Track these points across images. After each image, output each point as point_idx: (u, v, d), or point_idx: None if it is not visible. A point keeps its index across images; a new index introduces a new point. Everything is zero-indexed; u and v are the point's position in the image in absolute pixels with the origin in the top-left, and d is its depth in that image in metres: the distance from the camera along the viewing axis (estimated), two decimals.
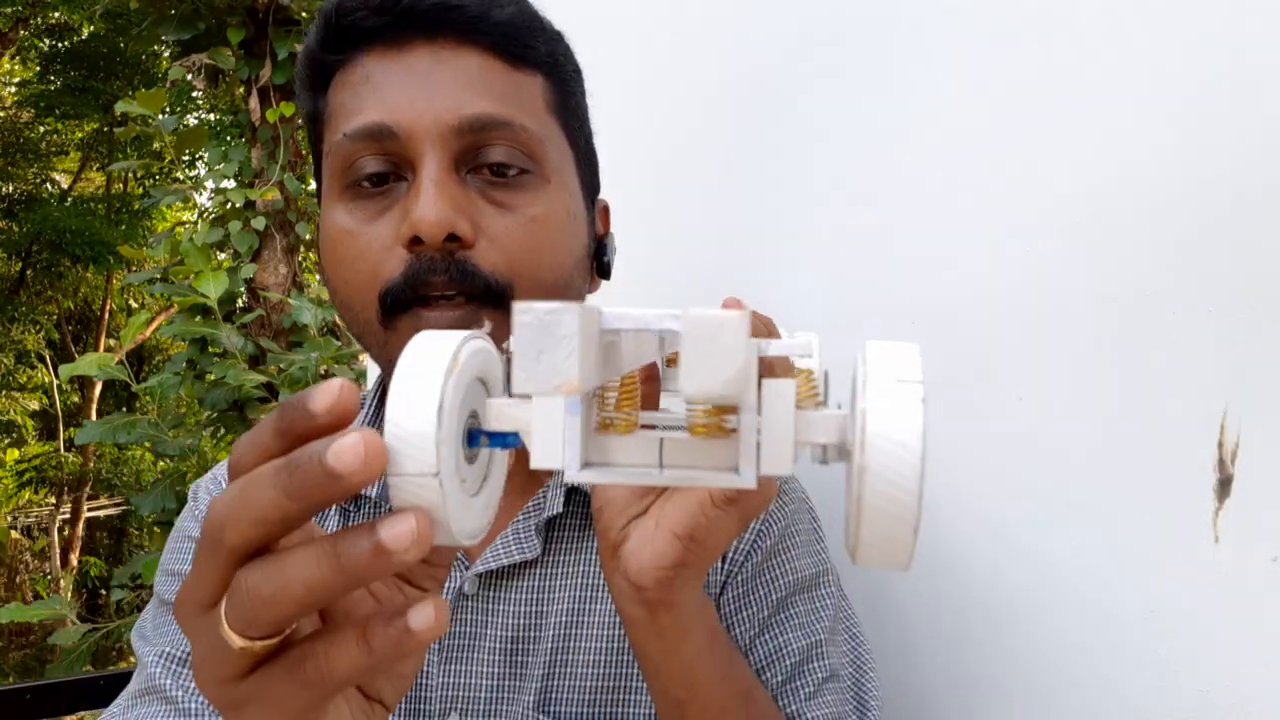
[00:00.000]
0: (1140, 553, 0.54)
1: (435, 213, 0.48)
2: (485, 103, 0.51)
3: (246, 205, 3.43)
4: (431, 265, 0.49)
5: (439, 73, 0.51)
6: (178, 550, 0.60)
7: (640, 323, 0.26)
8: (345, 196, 0.52)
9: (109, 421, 2.82)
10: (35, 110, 7.37)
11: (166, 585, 0.59)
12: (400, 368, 0.27)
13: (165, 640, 0.56)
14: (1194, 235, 0.52)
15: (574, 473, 0.27)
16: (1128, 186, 0.55)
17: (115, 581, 3.14)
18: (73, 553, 7.20)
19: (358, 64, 0.53)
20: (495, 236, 0.51)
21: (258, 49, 3.46)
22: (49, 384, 7.84)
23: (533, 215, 0.52)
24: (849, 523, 0.26)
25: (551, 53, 0.55)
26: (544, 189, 0.53)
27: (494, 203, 0.51)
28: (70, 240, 6.60)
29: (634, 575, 0.39)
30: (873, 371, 0.26)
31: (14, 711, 1.17)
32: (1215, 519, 0.51)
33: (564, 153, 0.55)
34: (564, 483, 0.31)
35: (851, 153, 0.75)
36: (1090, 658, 0.57)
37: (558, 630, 0.57)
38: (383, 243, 0.51)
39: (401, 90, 0.51)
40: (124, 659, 4.61)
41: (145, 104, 3.11)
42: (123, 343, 3.06)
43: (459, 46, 0.52)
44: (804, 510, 0.62)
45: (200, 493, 0.63)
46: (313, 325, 3.12)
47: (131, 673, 0.59)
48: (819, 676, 0.56)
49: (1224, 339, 0.51)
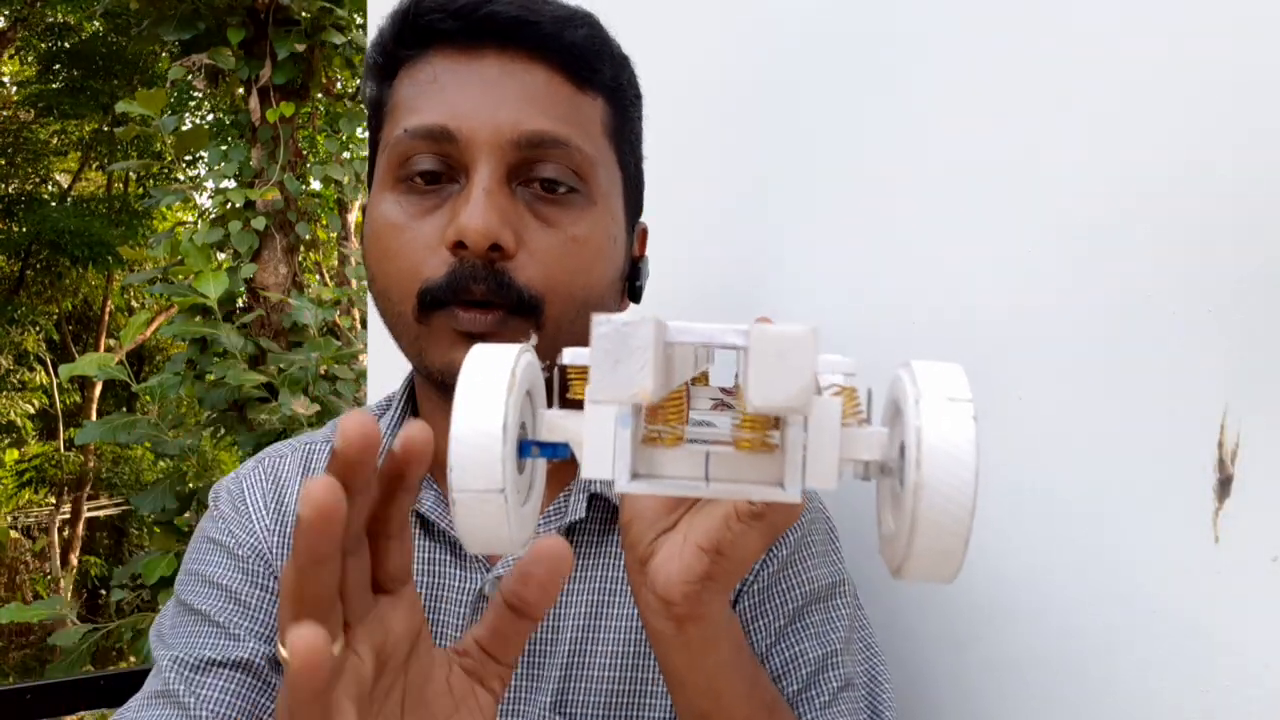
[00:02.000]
0: (1140, 553, 0.54)
1: (483, 221, 0.49)
2: (545, 120, 0.52)
3: (246, 205, 3.43)
4: (473, 272, 0.50)
5: (506, 84, 0.52)
6: (198, 551, 0.61)
7: (705, 336, 0.26)
8: (398, 190, 0.53)
9: (109, 421, 2.82)
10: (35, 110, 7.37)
11: (186, 586, 0.60)
12: (462, 385, 0.28)
13: (181, 645, 0.56)
14: (1194, 235, 0.52)
15: (624, 483, 0.28)
16: (1128, 186, 0.55)
17: (115, 581, 3.14)
18: (73, 553, 7.20)
19: (428, 62, 0.53)
20: (535, 251, 0.52)
21: (258, 49, 3.46)
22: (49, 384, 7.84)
23: (574, 235, 0.53)
24: (897, 538, 0.27)
25: (615, 77, 0.56)
26: (589, 210, 0.54)
27: (539, 217, 0.52)
28: (70, 240, 6.59)
29: (661, 589, 0.40)
30: (925, 390, 0.27)
31: (14, 711, 1.17)
32: (1215, 519, 0.51)
33: (613, 176, 0.57)
34: (616, 492, 0.31)
35: (850, 155, 0.75)
36: (1090, 658, 0.57)
37: (575, 633, 0.57)
38: (427, 241, 0.52)
39: (466, 96, 0.51)
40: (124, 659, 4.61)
41: (145, 104, 3.11)
42: (123, 343, 3.06)
43: (529, 61, 0.53)
44: (821, 520, 0.62)
45: (222, 494, 0.63)
46: (313, 325, 3.12)
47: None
48: (834, 686, 0.56)
49: (1224, 339, 0.51)
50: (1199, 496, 0.51)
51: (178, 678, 0.54)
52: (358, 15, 3.58)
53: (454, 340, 0.52)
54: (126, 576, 3.03)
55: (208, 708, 0.53)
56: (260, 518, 0.60)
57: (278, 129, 3.45)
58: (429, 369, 0.55)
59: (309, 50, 3.49)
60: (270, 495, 0.61)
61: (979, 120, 0.65)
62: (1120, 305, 0.56)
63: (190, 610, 0.58)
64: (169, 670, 0.55)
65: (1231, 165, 0.50)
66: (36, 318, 7.76)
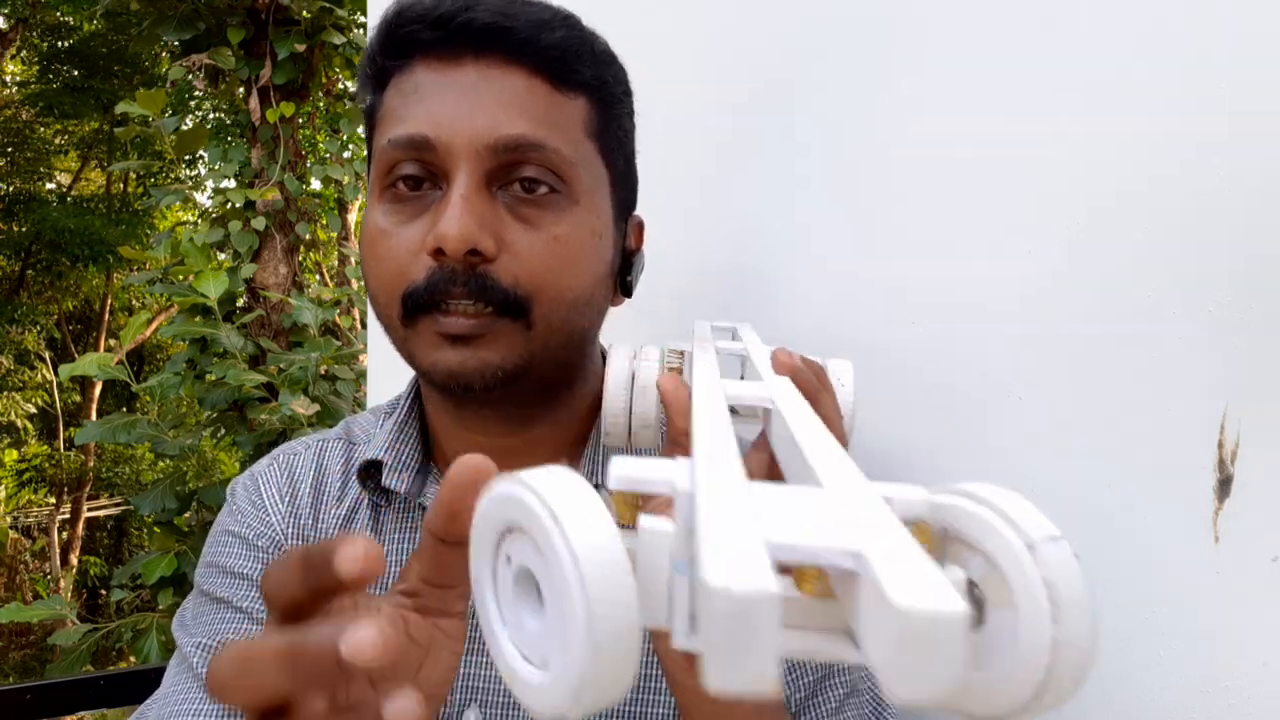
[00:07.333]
0: (1140, 553, 0.54)
1: (459, 228, 0.50)
2: (523, 124, 0.52)
3: (246, 205, 3.43)
4: (452, 276, 0.51)
5: (483, 90, 0.53)
6: (217, 544, 0.62)
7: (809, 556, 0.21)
8: (384, 197, 0.55)
9: (109, 421, 2.82)
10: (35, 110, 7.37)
11: (206, 577, 0.62)
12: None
13: (204, 631, 0.58)
14: (1194, 235, 0.52)
15: (683, 639, 0.23)
16: (1127, 186, 0.55)
17: (115, 581, 3.14)
18: (73, 553, 7.21)
19: (411, 71, 0.55)
20: (518, 252, 0.53)
21: (258, 49, 3.46)
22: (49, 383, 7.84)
23: (556, 234, 0.54)
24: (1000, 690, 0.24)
25: (597, 75, 0.57)
26: (571, 209, 0.54)
27: (521, 219, 0.53)
28: (70, 240, 6.60)
29: None
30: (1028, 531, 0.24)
31: (14, 711, 1.17)
32: (1215, 519, 0.51)
33: (598, 174, 0.57)
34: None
35: (849, 153, 0.75)
36: None
37: None
38: (410, 247, 0.53)
39: (445, 104, 0.53)
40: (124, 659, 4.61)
41: (145, 104, 3.11)
42: (123, 343, 3.06)
43: (506, 66, 0.53)
44: None
45: (238, 489, 0.65)
46: (313, 325, 3.12)
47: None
48: (839, 693, 0.56)
49: (1224, 339, 0.51)
50: (1199, 496, 0.51)
51: (201, 662, 0.56)
52: (358, 15, 3.59)
53: (438, 342, 0.53)
54: (126, 576, 3.03)
55: None
56: (275, 508, 0.62)
57: (278, 129, 3.45)
58: (418, 369, 0.56)
59: (309, 50, 3.49)
60: (285, 488, 0.63)
61: (978, 119, 0.65)
62: (1120, 305, 0.56)
63: (212, 598, 0.60)
64: (194, 655, 0.57)
65: (1232, 164, 0.50)
66: (37, 317, 7.77)
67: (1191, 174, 0.52)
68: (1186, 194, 0.52)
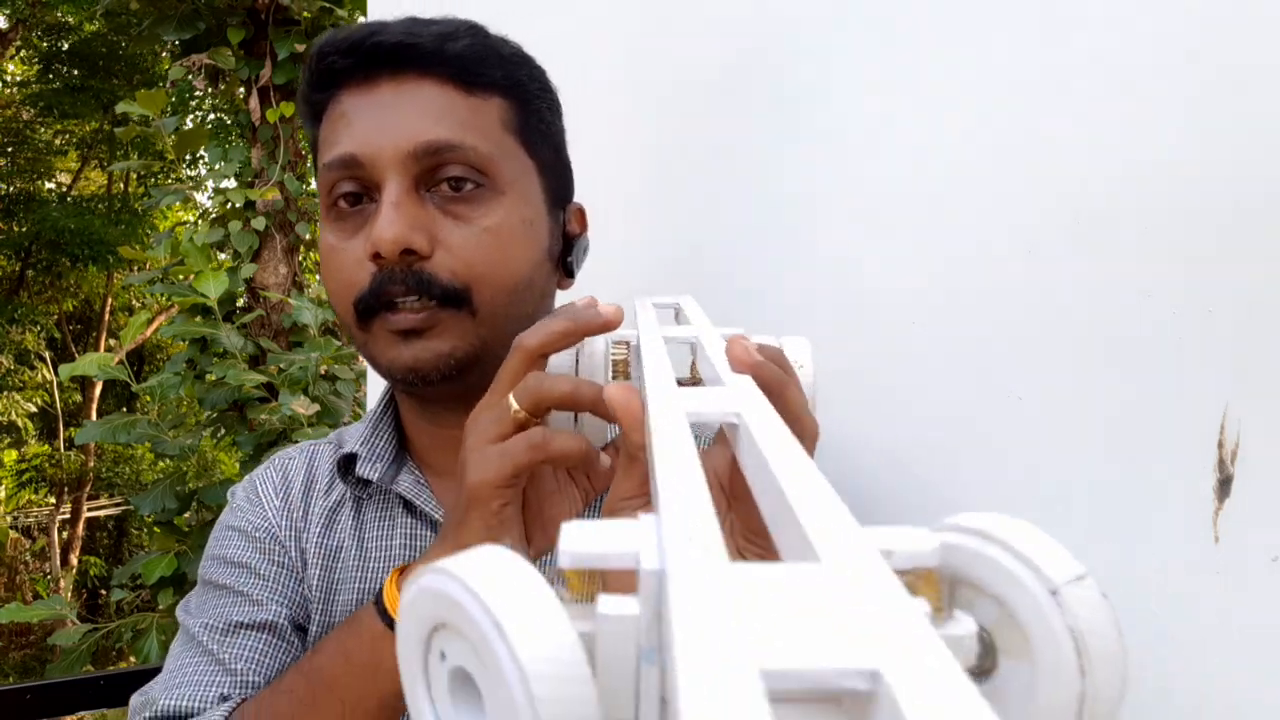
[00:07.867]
0: (1140, 553, 0.54)
1: (391, 231, 0.55)
2: (439, 129, 0.57)
3: (246, 205, 3.43)
4: (392, 276, 0.56)
5: (400, 104, 0.57)
6: (219, 539, 0.67)
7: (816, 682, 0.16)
8: (330, 216, 0.60)
9: (109, 421, 2.82)
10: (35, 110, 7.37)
11: (209, 568, 0.66)
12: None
13: (209, 614, 0.62)
14: (1194, 235, 0.52)
15: None
16: (1127, 186, 0.55)
17: (115, 581, 3.14)
18: (73, 553, 7.21)
19: (339, 100, 0.60)
20: (452, 247, 0.57)
21: (258, 49, 3.46)
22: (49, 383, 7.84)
23: (487, 225, 0.58)
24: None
25: (509, 76, 0.61)
26: (498, 200, 0.58)
27: (452, 215, 0.57)
28: (70, 240, 6.60)
29: None
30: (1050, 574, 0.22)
31: (14, 711, 1.17)
32: (1215, 519, 0.51)
33: (523, 165, 0.61)
34: None
35: (846, 150, 0.75)
36: None
37: None
38: (355, 257, 0.58)
39: (368, 123, 0.57)
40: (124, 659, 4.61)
41: (145, 104, 3.11)
42: (123, 343, 3.06)
43: (419, 79, 0.58)
44: None
45: (238, 491, 0.69)
46: (313, 325, 3.11)
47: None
48: None
49: (1224, 339, 0.51)
50: (1199, 496, 0.51)
51: (209, 639, 0.60)
52: (358, 15, 3.58)
53: (392, 340, 0.57)
54: (126, 576, 3.03)
55: (240, 663, 0.59)
56: (270, 504, 0.67)
57: (278, 129, 3.45)
58: (380, 369, 0.61)
59: (309, 50, 3.49)
60: (279, 486, 0.68)
61: (978, 117, 0.64)
62: (1120, 305, 0.56)
63: (215, 586, 0.64)
64: (201, 634, 0.61)
65: (1232, 164, 0.50)
66: (37, 317, 7.77)
67: (1193, 174, 0.52)
68: (1188, 194, 0.52)
